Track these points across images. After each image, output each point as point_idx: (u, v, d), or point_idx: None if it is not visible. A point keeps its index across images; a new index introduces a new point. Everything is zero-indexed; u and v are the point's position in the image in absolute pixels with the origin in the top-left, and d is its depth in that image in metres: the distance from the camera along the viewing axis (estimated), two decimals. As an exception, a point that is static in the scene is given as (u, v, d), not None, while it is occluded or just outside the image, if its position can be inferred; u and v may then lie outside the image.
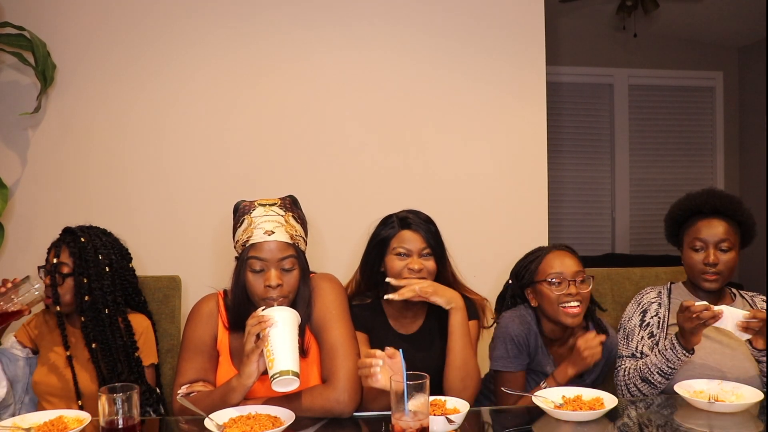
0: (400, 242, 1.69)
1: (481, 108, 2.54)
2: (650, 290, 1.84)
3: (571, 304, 1.62)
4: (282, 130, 2.45)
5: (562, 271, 1.64)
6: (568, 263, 1.66)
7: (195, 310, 1.57)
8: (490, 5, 2.53)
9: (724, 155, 4.99)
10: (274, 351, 1.31)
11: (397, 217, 1.74)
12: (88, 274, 1.62)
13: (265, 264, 1.44)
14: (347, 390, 1.41)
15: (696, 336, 1.54)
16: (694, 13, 4.33)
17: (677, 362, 1.58)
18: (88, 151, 2.36)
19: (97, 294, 1.62)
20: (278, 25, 2.44)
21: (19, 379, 1.69)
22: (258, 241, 1.45)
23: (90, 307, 1.61)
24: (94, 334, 1.60)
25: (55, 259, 1.61)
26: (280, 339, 1.32)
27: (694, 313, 1.50)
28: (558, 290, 1.63)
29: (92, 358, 1.59)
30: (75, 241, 1.63)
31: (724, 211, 1.72)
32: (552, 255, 1.70)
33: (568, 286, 1.63)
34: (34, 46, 2.15)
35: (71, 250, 1.62)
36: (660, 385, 1.61)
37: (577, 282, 1.63)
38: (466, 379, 1.60)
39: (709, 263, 1.67)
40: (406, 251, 1.68)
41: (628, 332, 1.77)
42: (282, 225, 1.47)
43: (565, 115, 4.78)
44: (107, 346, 1.60)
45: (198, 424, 1.32)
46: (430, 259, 1.69)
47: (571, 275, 1.64)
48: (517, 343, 1.69)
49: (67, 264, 1.62)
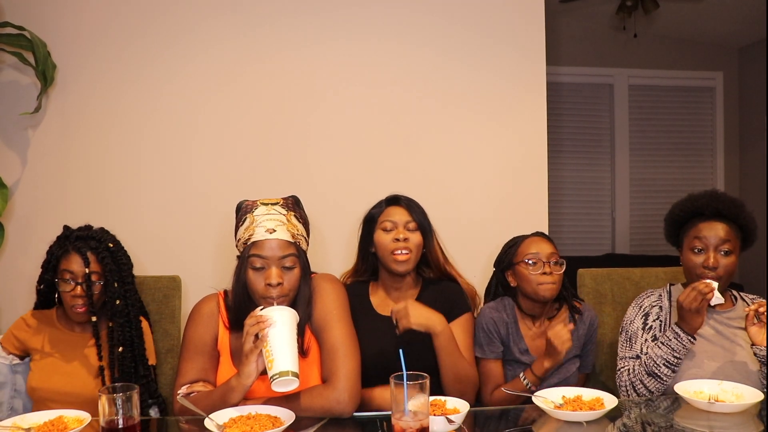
0: (386, 216, 1.75)
1: (481, 108, 2.54)
2: (650, 293, 1.84)
3: (546, 281, 1.75)
4: (282, 130, 2.45)
5: (537, 252, 1.79)
6: (543, 246, 1.81)
7: (195, 311, 1.58)
8: (490, 5, 2.53)
9: (724, 155, 4.99)
10: (273, 351, 1.31)
11: (385, 198, 1.82)
12: (119, 278, 1.62)
13: (266, 262, 1.45)
14: (347, 390, 1.41)
15: (701, 316, 1.59)
16: (694, 13, 4.33)
17: (683, 350, 1.60)
18: (89, 151, 2.36)
19: (128, 297, 1.63)
20: (278, 26, 2.44)
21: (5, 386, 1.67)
22: (259, 239, 1.45)
23: (121, 312, 1.61)
24: (122, 338, 1.60)
25: (86, 269, 1.58)
26: (279, 339, 1.32)
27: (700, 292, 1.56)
28: (534, 269, 1.77)
29: (110, 364, 1.59)
30: (102, 247, 1.62)
31: (726, 213, 1.70)
32: (529, 240, 1.85)
33: (543, 266, 1.76)
34: (35, 46, 2.15)
35: (99, 255, 1.61)
36: (666, 379, 1.61)
37: (551, 262, 1.77)
38: (464, 387, 1.62)
39: (708, 266, 1.66)
40: (392, 224, 1.73)
41: (631, 335, 1.76)
42: (284, 224, 1.47)
43: (565, 115, 4.78)
44: (131, 349, 1.62)
45: (198, 424, 1.32)
46: (416, 232, 1.74)
47: (546, 256, 1.78)
48: (486, 330, 1.78)
49: (97, 272, 1.61)
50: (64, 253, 1.62)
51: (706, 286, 1.57)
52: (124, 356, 1.60)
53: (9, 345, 1.68)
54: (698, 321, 1.60)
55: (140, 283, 1.87)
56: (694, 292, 1.58)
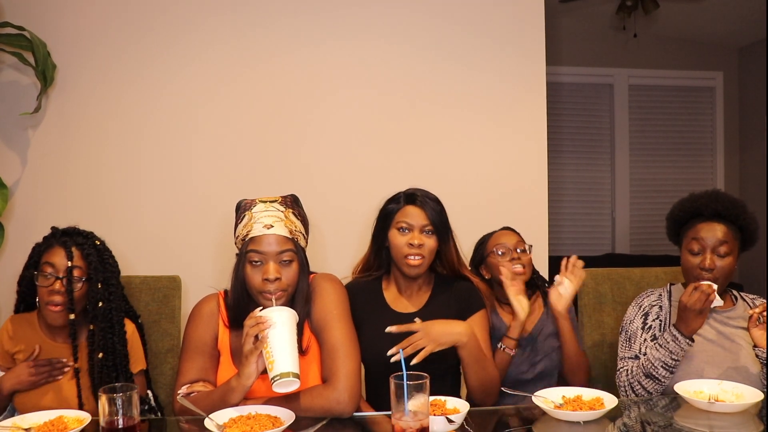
0: (403, 216, 1.69)
1: (481, 108, 2.54)
2: (650, 293, 1.83)
3: (516, 267, 1.87)
4: (281, 130, 2.45)
5: (505, 242, 1.92)
6: (509, 237, 1.94)
7: (196, 310, 1.57)
8: (490, 6, 2.53)
9: (724, 155, 4.99)
10: (274, 353, 1.31)
11: (404, 192, 1.74)
12: (103, 278, 1.55)
13: (263, 257, 1.45)
14: (347, 390, 1.41)
15: (702, 318, 1.58)
16: (694, 13, 4.33)
17: (680, 353, 1.59)
18: (89, 151, 2.36)
19: (112, 300, 1.56)
20: (278, 26, 2.44)
21: None
22: (257, 235, 1.45)
23: (103, 315, 1.54)
24: (104, 344, 1.54)
25: (69, 262, 1.50)
26: (279, 341, 1.32)
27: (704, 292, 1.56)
28: (503, 258, 1.90)
29: (90, 370, 1.53)
30: (88, 244, 1.55)
31: (726, 215, 1.69)
32: (496, 234, 1.99)
33: (510, 253, 1.90)
34: (35, 46, 2.15)
35: (85, 252, 1.54)
36: (664, 380, 1.61)
37: (518, 250, 1.91)
38: (488, 389, 1.61)
39: (704, 268, 1.65)
40: (407, 226, 1.68)
41: (630, 334, 1.76)
42: (281, 220, 1.47)
43: (565, 115, 4.78)
44: (113, 356, 1.55)
45: (198, 424, 1.32)
46: (431, 236, 1.68)
47: (513, 245, 1.92)
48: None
49: (81, 267, 1.52)
50: (47, 247, 1.54)
51: (708, 287, 1.57)
52: (104, 363, 1.53)
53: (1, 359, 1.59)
54: (699, 322, 1.58)
55: (140, 283, 1.87)
56: (698, 293, 1.56)
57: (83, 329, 1.57)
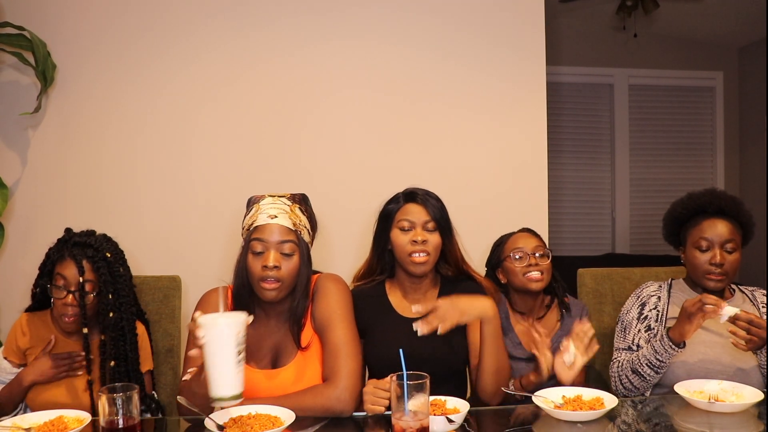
0: (404, 215, 1.67)
1: (481, 108, 2.54)
2: (651, 284, 1.86)
3: (533, 273, 1.79)
4: (282, 130, 2.45)
5: (523, 246, 1.83)
6: (528, 241, 1.85)
7: (203, 299, 1.58)
8: (490, 6, 2.53)
9: (724, 155, 4.99)
10: (210, 373, 1.19)
11: (403, 192, 1.73)
12: (114, 290, 1.57)
13: (265, 245, 1.46)
14: (348, 389, 1.42)
15: (691, 325, 1.54)
16: (694, 13, 4.33)
17: (665, 355, 1.59)
18: (89, 151, 2.36)
19: (123, 310, 1.58)
20: (279, 27, 2.44)
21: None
22: (261, 224, 1.48)
23: (114, 325, 1.57)
24: (115, 352, 1.56)
25: (80, 277, 1.53)
26: (213, 360, 1.18)
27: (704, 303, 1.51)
28: (520, 263, 1.81)
29: (102, 378, 1.55)
30: (99, 256, 1.56)
31: (728, 211, 1.72)
32: (515, 236, 1.89)
33: (528, 258, 1.81)
34: (35, 46, 2.16)
35: (95, 265, 1.56)
36: (650, 378, 1.62)
37: (537, 255, 1.81)
38: (500, 379, 1.59)
39: (715, 263, 1.68)
40: (409, 224, 1.65)
41: (626, 325, 1.78)
42: (286, 212, 1.50)
43: (565, 115, 4.78)
44: (125, 363, 1.57)
45: (198, 424, 1.32)
46: (435, 233, 1.65)
47: (531, 249, 1.82)
48: None
49: (92, 281, 1.55)
50: (60, 258, 1.57)
51: (715, 301, 1.52)
52: (116, 371, 1.56)
53: (15, 357, 1.63)
54: (687, 328, 1.55)
55: (140, 283, 1.87)
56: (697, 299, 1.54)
57: (95, 338, 1.60)
